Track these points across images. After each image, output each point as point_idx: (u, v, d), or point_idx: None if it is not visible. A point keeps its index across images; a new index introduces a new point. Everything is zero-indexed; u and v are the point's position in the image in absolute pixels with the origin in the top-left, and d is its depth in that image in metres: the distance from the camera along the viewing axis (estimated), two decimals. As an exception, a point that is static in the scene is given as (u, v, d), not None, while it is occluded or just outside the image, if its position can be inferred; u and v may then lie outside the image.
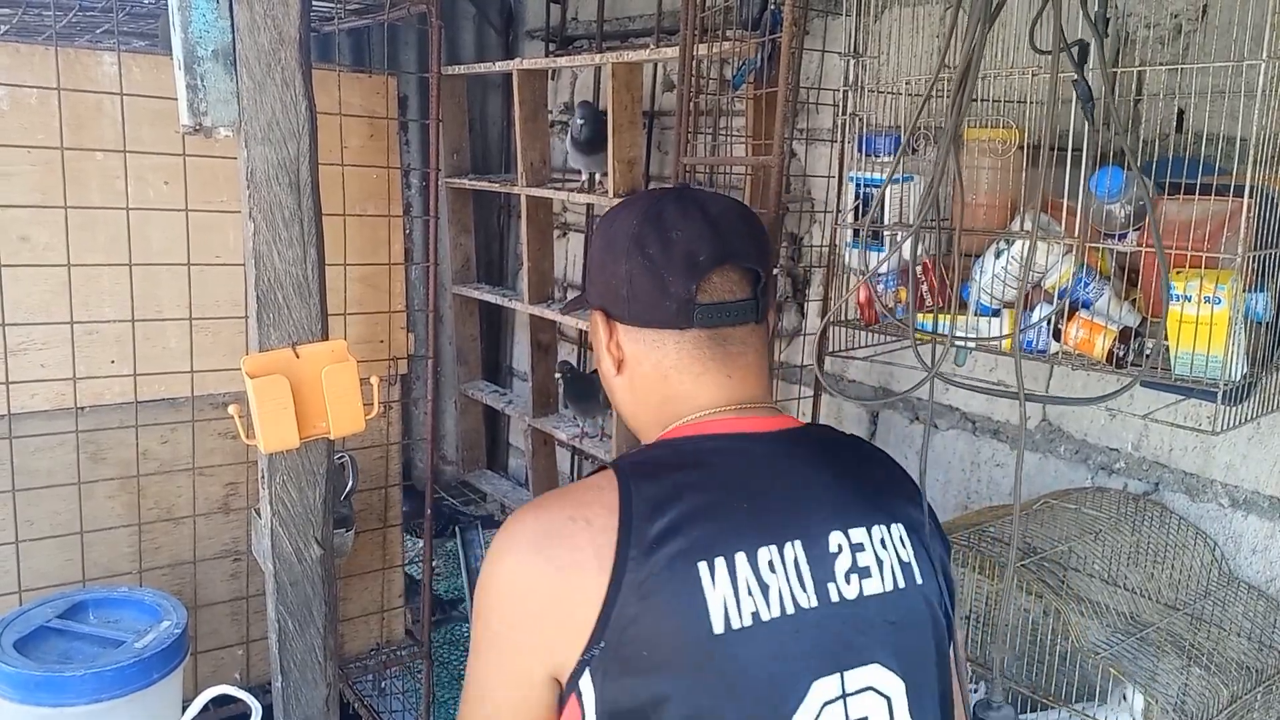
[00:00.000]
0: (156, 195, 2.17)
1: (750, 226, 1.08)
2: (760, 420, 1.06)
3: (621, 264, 1.05)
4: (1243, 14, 1.45)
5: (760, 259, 1.07)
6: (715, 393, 1.06)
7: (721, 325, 1.05)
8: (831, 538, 0.99)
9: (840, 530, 0.99)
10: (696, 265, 1.03)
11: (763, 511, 0.98)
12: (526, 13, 4.06)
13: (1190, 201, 1.38)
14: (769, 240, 1.14)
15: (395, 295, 2.50)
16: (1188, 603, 1.75)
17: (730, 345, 1.06)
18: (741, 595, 0.93)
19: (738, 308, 1.05)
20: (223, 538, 2.38)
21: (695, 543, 0.94)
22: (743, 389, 1.07)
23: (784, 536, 0.97)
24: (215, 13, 1.52)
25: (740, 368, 1.07)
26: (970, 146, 1.65)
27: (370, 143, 2.43)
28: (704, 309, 1.03)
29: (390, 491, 2.63)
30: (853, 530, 1.00)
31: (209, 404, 2.27)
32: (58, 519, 2.19)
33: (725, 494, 0.98)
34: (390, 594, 2.67)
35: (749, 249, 1.06)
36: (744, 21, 2.45)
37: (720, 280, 1.04)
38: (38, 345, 2.11)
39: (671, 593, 0.92)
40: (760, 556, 0.95)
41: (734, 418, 1.06)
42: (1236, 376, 1.38)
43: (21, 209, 2.05)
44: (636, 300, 1.05)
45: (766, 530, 0.97)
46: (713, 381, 1.06)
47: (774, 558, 0.96)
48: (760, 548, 0.96)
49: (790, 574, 0.96)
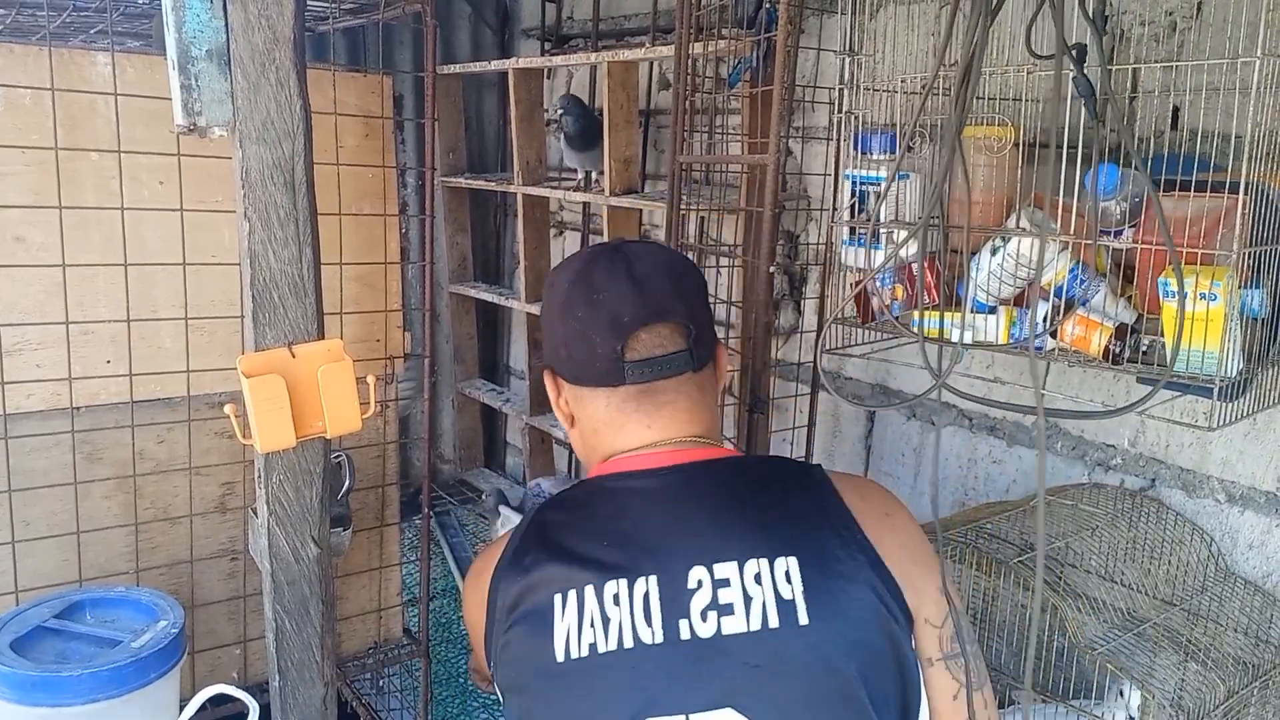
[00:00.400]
0: (151, 195, 2.17)
1: (678, 283, 1.10)
2: (664, 455, 1.07)
3: (558, 326, 1.11)
4: (1237, 11, 1.45)
5: (689, 314, 1.08)
6: (631, 440, 1.09)
7: (654, 379, 1.07)
8: (692, 573, 0.96)
9: (704, 565, 0.97)
10: (621, 326, 1.05)
11: (621, 547, 0.99)
12: (522, 12, 4.06)
13: (1185, 198, 1.38)
14: (702, 289, 1.15)
15: (392, 294, 2.50)
16: (1184, 598, 1.76)
17: (660, 396, 1.08)
18: (584, 627, 0.96)
19: (668, 361, 1.06)
20: (219, 537, 2.38)
21: (553, 577, 0.99)
22: (663, 431, 1.08)
23: (638, 571, 0.97)
24: (209, 12, 1.52)
25: (665, 416, 1.08)
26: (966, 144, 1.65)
27: (366, 142, 2.42)
28: (634, 366, 1.05)
29: (387, 490, 2.63)
30: (720, 565, 0.96)
31: (205, 403, 2.27)
32: (54, 519, 2.18)
33: (590, 530, 1.02)
34: (388, 592, 2.67)
35: (675, 305, 1.08)
36: (739, 20, 2.45)
37: (649, 337, 1.06)
38: (33, 345, 2.11)
39: (529, 623, 0.99)
40: (606, 590, 0.97)
41: (637, 455, 1.08)
42: (1232, 372, 1.38)
43: (16, 209, 2.04)
44: (573, 360, 1.09)
45: (620, 565, 0.98)
46: (632, 432, 1.09)
47: (621, 592, 0.96)
48: (609, 581, 0.97)
49: (636, 609, 0.96)
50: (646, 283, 1.07)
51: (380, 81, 2.44)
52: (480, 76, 4.08)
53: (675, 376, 1.07)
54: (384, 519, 2.63)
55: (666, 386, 1.07)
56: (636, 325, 1.06)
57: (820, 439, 2.63)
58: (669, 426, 1.08)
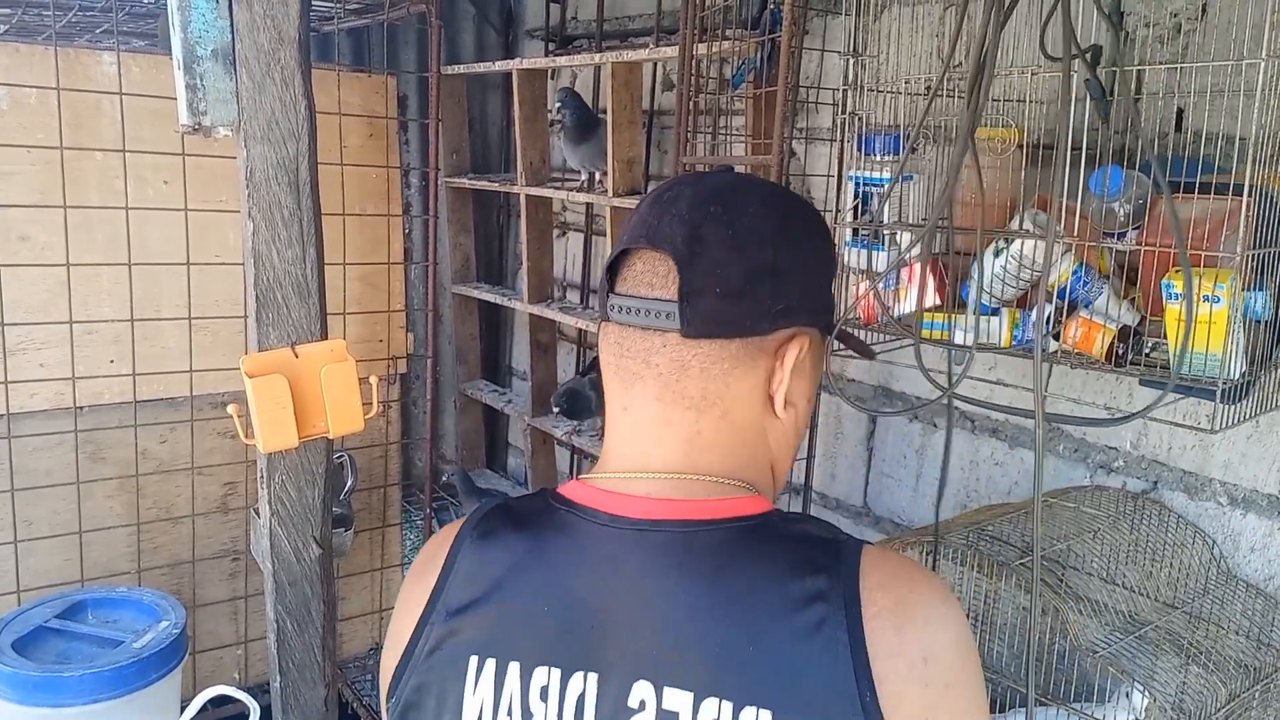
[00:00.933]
0: (156, 195, 2.17)
1: (732, 212, 0.81)
2: (639, 503, 0.80)
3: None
4: (1242, 13, 1.45)
5: (716, 255, 0.79)
6: (611, 427, 0.85)
7: (627, 324, 0.81)
8: (637, 688, 0.75)
9: (652, 684, 0.74)
10: (619, 245, 0.84)
11: (565, 623, 0.77)
12: (526, 12, 4.06)
13: (1189, 200, 1.38)
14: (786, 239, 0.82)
15: (394, 295, 2.50)
16: (1186, 601, 1.75)
17: (628, 360, 0.82)
18: (500, 712, 0.77)
19: (645, 307, 0.80)
20: (221, 537, 2.38)
21: (480, 631, 0.79)
22: (639, 435, 0.83)
23: (577, 663, 0.76)
24: (215, 12, 1.52)
25: (638, 397, 0.82)
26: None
27: (370, 142, 2.43)
28: (615, 298, 0.82)
29: (389, 491, 2.63)
30: (671, 690, 0.74)
31: (208, 403, 2.27)
32: (56, 519, 2.19)
33: (537, 585, 0.79)
34: (389, 593, 2.67)
35: (683, 233, 0.79)
36: (743, 21, 2.45)
37: (642, 266, 0.81)
38: (37, 345, 2.11)
39: (440, 680, 0.79)
40: (535, 676, 0.77)
41: (608, 488, 0.82)
42: (1235, 375, 1.38)
43: (21, 208, 2.05)
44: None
45: (558, 648, 0.77)
46: (614, 408, 0.85)
47: (551, 683, 0.76)
48: (539, 666, 0.77)
49: (567, 711, 0.76)
50: (676, 201, 0.82)
51: (384, 82, 2.44)
52: (484, 77, 4.09)
53: (650, 335, 0.80)
54: (386, 520, 2.64)
55: (636, 347, 0.81)
56: (630, 243, 0.82)
57: (822, 440, 2.63)
58: (646, 422, 0.82)
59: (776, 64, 2.15)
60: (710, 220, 0.80)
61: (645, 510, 0.79)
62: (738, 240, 0.80)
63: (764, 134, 2.36)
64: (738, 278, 0.79)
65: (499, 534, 0.82)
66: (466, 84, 3.88)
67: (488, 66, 3.59)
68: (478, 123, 4.13)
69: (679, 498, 0.80)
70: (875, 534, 2.41)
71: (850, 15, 1.72)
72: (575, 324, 3.38)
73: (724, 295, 0.79)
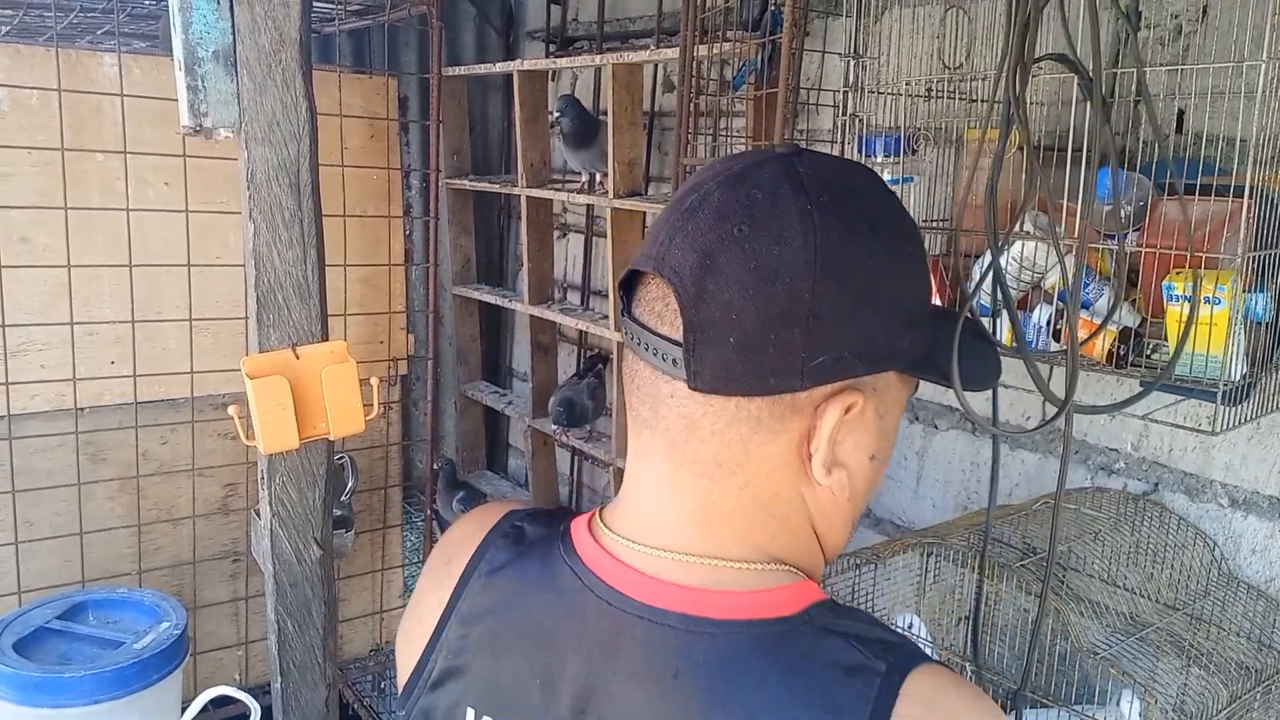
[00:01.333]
0: (157, 196, 2.18)
1: (769, 238, 0.62)
2: (642, 583, 0.67)
3: None
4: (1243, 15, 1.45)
5: (736, 293, 0.61)
6: (627, 466, 0.72)
7: (639, 357, 0.67)
8: None
9: None
10: (639, 255, 0.68)
11: (551, 700, 0.68)
12: (527, 14, 4.06)
13: (1190, 202, 1.38)
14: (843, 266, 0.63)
15: (395, 296, 2.50)
16: (1187, 603, 1.75)
17: (637, 401, 0.68)
18: None
19: (651, 343, 0.64)
20: (222, 539, 2.38)
21: (477, 679, 0.71)
22: (649, 493, 0.69)
23: None
24: (216, 14, 1.52)
25: (647, 449, 0.68)
26: (970, 146, 1.66)
27: (371, 144, 2.43)
28: (627, 323, 0.67)
29: (390, 492, 2.63)
30: None
31: (209, 405, 2.28)
32: (57, 520, 2.19)
33: (531, 653, 0.69)
34: (390, 595, 2.67)
35: (691, 259, 0.62)
36: (744, 22, 2.46)
37: (653, 292, 0.66)
38: (38, 346, 2.11)
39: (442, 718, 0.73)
40: None
41: (614, 552, 0.69)
42: (1236, 376, 1.38)
43: (22, 210, 2.05)
44: None
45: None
46: (630, 442, 0.71)
47: None
48: None
49: None
50: (697, 210, 0.64)
51: (385, 83, 2.44)
52: (485, 78, 4.09)
53: (661, 378, 0.65)
54: (386, 521, 2.64)
55: (645, 391, 0.67)
56: (639, 264, 0.66)
57: (823, 442, 2.64)
58: (653, 487, 0.68)
59: (777, 66, 2.15)
60: (730, 245, 0.62)
61: (648, 593, 0.66)
62: (761, 275, 0.61)
63: (765, 136, 2.36)
64: (754, 325, 0.61)
65: (507, 574, 0.73)
66: (467, 85, 3.88)
67: (488, 68, 3.59)
68: (478, 124, 4.13)
69: (687, 584, 0.66)
70: (875, 535, 2.41)
71: (851, 17, 1.72)
72: (576, 325, 3.38)
73: (739, 346, 0.61)
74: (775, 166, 0.65)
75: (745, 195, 0.63)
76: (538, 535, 0.74)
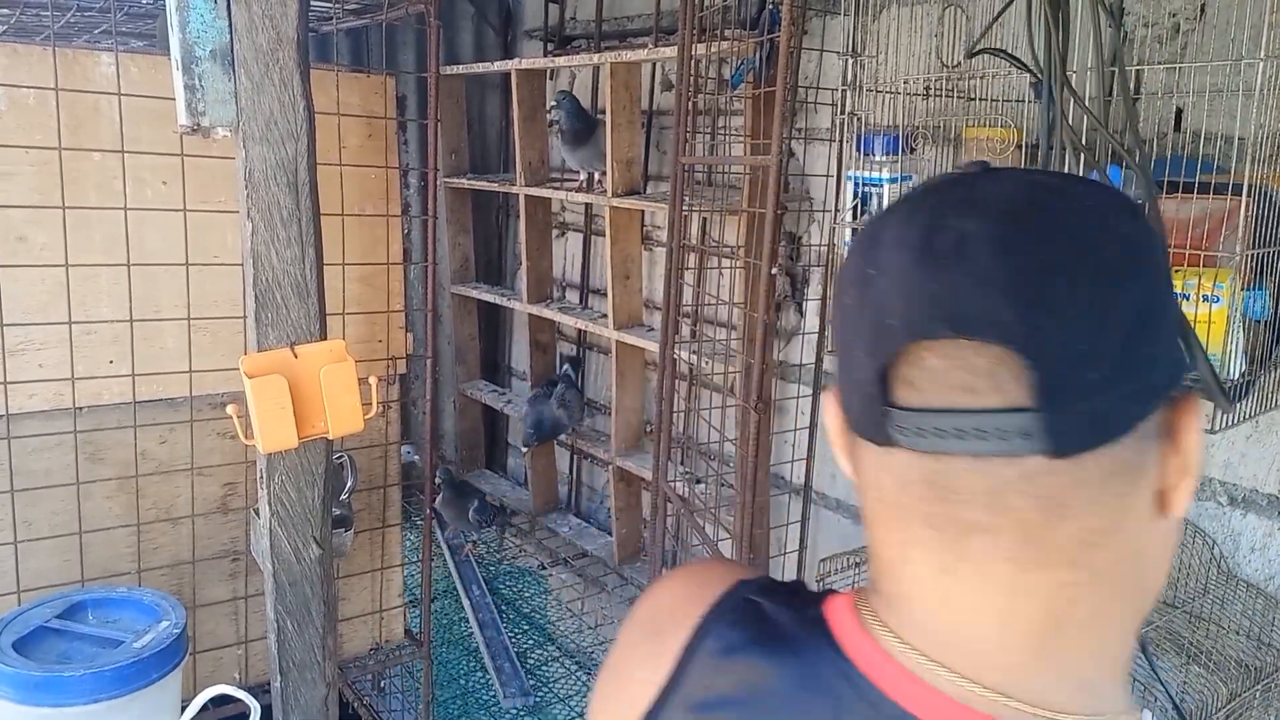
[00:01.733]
0: (154, 195, 2.17)
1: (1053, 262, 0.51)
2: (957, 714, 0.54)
3: (835, 315, 0.62)
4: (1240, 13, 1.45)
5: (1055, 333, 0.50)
6: (921, 592, 0.56)
7: (943, 452, 0.53)
8: None
9: None
10: (886, 333, 0.54)
11: None
12: (525, 12, 4.06)
13: (1188, 200, 1.38)
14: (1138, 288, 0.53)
15: (394, 295, 2.50)
16: (1187, 600, 1.75)
17: (958, 507, 0.53)
18: None
19: (973, 425, 0.51)
20: (221, 538, 2.38)
21: None
22: (974, 611, 0.55)
23: None
24: (213, 13, 1.52)
25: (977, 556, 0.53)
26: (969, 146, 1.66)
27: (369, 143, 2.42)
28: (906, 416, 0.53)
29: (389, 491, 2.63)
30: None
31: (207, 404, 2.27)
32: (56, 519, 2.18)
33: None
34: (389, 594, 2.67)
35: (1009, 308, 0.50)
36: (742, 21, 2.46)
37: (942, 365, 0.52)
38: (36, 345, 2.11)
39: None
40: None
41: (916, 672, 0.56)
42: (1235, 375, 1.38)
43: (19, 209, 2.04)
44: (839, 377, 0.61)
45: None
46: (920, 563, 0.56)
47: None
48: None
49: None
50: (964, 250, 0.51)
51: (383, 82, 2.44)
52: (483, 77, 4.09)
53: (989, 461, 0.52)
54: (385, 520, 2.64)
55: (973, 489, 0.52)
56: (912, 335, 0.53)
57: (822, 440, 2.63)
58: (984, 602, 0.54)
59: (775, 64, 2.15)
60: (1044, 269, 0.51)
61: None
62: (1101, 287, 0.51)
63: (763, 134, 2.36)
64: (1114, 345, 0.51)
65: (746, 659, 0.60)
66: (465, 84, 3.88)
67: (486, 67, 3.60)
68: (476, 123, 4.13)
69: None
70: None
71: (849, 15, 1.72)
72: (574, 324, 3.39)
73: (1105, 379, 0.51)
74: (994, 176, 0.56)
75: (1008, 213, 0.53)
76: (782, 617, 0.62)
